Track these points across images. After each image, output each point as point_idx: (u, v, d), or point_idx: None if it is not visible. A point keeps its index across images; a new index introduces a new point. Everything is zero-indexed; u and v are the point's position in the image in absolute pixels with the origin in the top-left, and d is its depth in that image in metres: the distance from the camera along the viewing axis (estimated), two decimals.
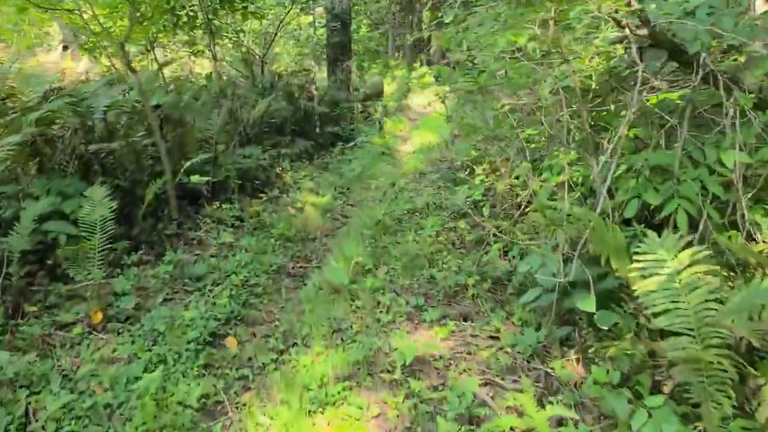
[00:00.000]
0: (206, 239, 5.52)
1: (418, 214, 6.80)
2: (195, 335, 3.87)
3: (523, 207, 4.54)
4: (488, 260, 4.78)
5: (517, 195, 4.82)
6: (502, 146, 5.21)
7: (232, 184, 6.46)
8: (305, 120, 10.56)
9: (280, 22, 10.41)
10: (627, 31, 3.52)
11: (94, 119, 5.05)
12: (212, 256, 5.16)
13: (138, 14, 7.50)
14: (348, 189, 8.40)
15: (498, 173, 5.10)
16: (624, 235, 3.14)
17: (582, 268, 3.14)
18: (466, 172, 6.91)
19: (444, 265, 4.99)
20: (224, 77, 11.57)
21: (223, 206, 6.25)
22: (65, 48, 14.12)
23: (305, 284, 4.96)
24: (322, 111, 10.64)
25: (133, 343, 3.82)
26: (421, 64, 29.86)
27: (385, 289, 4.73)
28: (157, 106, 6.12)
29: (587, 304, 3.07)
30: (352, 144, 11.09)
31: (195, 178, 5.69)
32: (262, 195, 7.24)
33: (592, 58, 4.13)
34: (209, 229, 5.79)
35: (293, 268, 5.43)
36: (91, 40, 8.02)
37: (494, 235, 4.69)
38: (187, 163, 5.40)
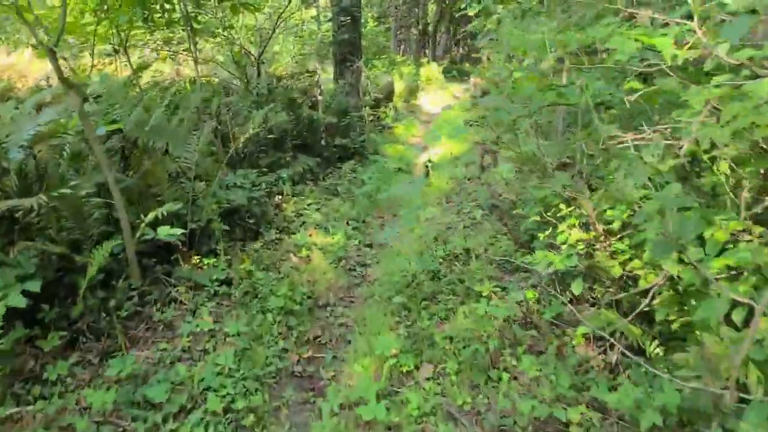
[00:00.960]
0: (177, 322, 3.95)
1: (458, 262, 5.25)
2: None
3: (651, 295, 2.97)
4: (590, 375, 3.21)
5: (630, 271, 3.25)
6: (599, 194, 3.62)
7: (216, 231, 4.90)
8: (309, 131, 8.99)
9: (279, 16, 8.81)
10: None
11: (9, 159, 3.47)
12: (181, 358, 3.59)
13: (104, 7, 5.92)
14: (363, 222, 6.83)
15: (595, 233, 3.53)
16: None
17: None
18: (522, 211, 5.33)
19: (517, 368, 3.44)
20: (216, 81, 10.01)
21: (205, 262, 4.69)
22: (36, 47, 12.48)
23: (315, 403, 3.40)
24: (328, 121, 9.07)
25: None
26: (428, 60, 28.31)
27: (437, 413, 3.17)
28: (114, 132, 4.55)
29: None
30: (362, 159, 9.52)
31: (164, 231, 4.11)
32: (256, 239, 5.68)
33: None
34: (183, 301, 4.22)
35: (298, 362, 3.87)
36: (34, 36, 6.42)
37: (601, 337, 3.11)
38: (150, 215, 3.83)
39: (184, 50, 8.81)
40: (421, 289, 4.64)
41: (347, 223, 6.59)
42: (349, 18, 9.57)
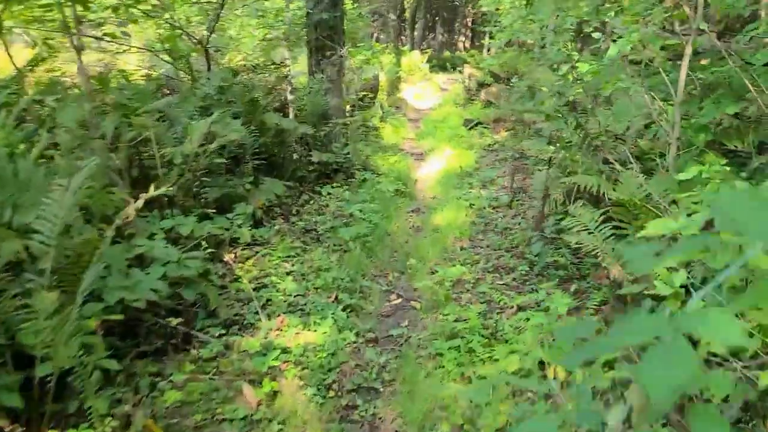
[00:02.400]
0: None
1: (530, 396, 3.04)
2: None
3: None
4: None
5: None
6: None
7: (92, 373, 2.57)
8: (277, 145, 6.65)
9: None
10: None
11: None
12: None
13: None
14: (359, 292, 4.53)
15: None
16: None
17: None
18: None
19: None
20: (156, 74, 7.59)
21: None
22: None
23: None
24: (303, 130, 6.73)
25: None
26: (409, 48, 25.99)
27: None
28: None
29: None
30: (349, 178, 7.21)
31: None
32: (184, 349, 3.37)
33: None
34: None
35: None
36: None
37: None
38: None
39: (104, 35, 6.34)
40: None
41: (336, 298, 4.29)
42: None
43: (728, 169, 3.97)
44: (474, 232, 5.83)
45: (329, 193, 6.57)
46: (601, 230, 3.66)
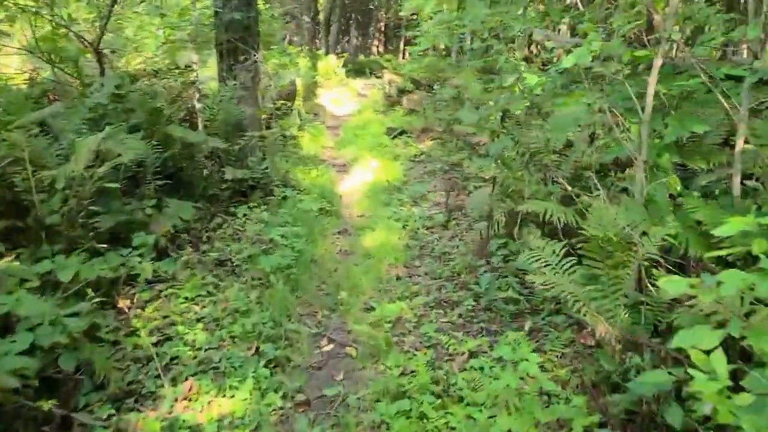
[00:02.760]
0: None
1: None
2: None
3: None
4: None
5: None
6: None
7: None
8: (184, 161, 5.86)
9: None
10: None
11: None
12: None
13: None
14: (284, 339, 3.85)
15: None
16: None
17: None
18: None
19: None
20: (41, 78, 6.59)
21: None
22: None
23: None
24: (214, 143, 5.97)
25: None
26: (324, 52, 25.31)
27: None
28: None
29: None
30: (267, 196, 6.50)
31: None
32: None
33: None
34: None
35: None
36: None
37: None
38: None
39: None
40: None
41: (257, 350, 3.61)
42: None
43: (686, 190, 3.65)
44: (409, 257, 5.29)
45: (245, 215, 5.84)
46: (564, 267, 3.20)
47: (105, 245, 4.15)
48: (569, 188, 3.91)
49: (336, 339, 3.95)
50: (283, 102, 9.07)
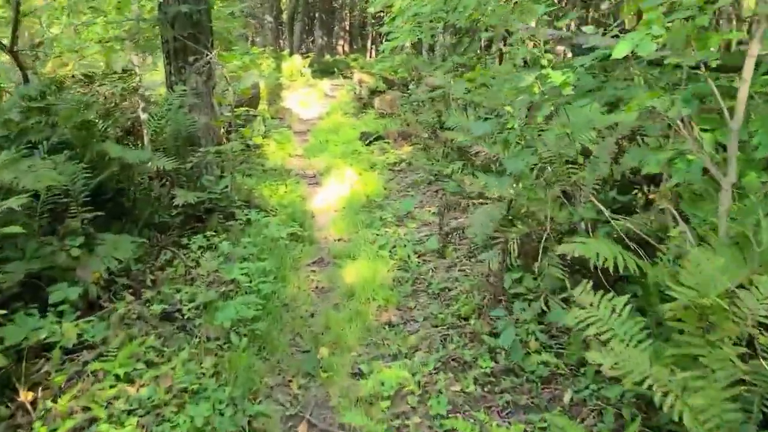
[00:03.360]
0: None
1: None
2: None
3: None
4: None
5: None
6: None
7: None
8: (124, 184, 4.84)
9: None
10: None
11: None
12: None
13: None
14: (249, 423, 2.90)
15: None
16: None
17: None
18: None
19: None
20: None
21: None
22: None
23: None
24: (161, 161, 4.96)
25: None
26: (288, 53, 24.23)
27: None
28: None
29: None
30: (228, 221, 5.51)
31: None
32: None
33: None
34: None
35: None
36: None
37: None
38: None
39: None
40: None
41: None
42: None
43: None
44: (401, 295, 4.37)
45: (201, 247, 4.86)
46: (634, 336, 2.32)
47: (10, 305, 3.16)
48: (613, 217, 3.03)
49: (318, 425, 3.01)
50: (245, 108, 8.04)
